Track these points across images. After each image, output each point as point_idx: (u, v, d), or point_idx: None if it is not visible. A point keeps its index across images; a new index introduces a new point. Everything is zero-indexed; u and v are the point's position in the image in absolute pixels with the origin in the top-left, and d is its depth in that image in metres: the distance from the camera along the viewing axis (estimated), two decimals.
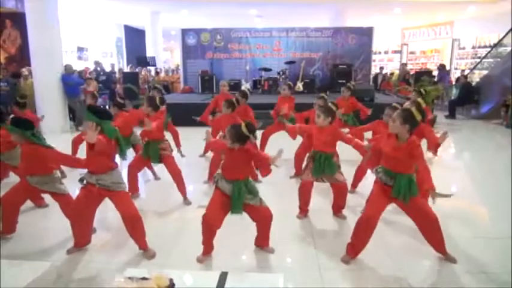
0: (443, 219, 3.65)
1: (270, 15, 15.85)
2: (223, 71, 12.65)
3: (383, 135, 2.83)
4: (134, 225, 2.87)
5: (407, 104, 4.16)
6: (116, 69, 14.03)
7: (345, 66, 11.87)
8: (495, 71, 11.00)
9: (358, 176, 4.33)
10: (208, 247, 2.90)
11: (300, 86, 11.41)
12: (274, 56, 12.77)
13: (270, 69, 11.85)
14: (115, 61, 17.10)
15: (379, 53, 20.19)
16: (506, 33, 11.33)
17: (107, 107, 10.69)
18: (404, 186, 2.64)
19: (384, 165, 2.77)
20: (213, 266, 2.84)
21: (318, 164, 3.47)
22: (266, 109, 6.98)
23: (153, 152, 4.03)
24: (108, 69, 13.44)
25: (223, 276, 1.84)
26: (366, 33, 12.83)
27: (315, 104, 4.88)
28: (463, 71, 14.77)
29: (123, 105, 4.78)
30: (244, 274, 2.31)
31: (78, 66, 12.49)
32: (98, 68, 12.35)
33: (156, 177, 5.07)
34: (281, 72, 11.59)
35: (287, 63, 11.97)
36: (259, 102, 8.49)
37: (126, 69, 15.38)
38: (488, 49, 13.42)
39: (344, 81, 9.92)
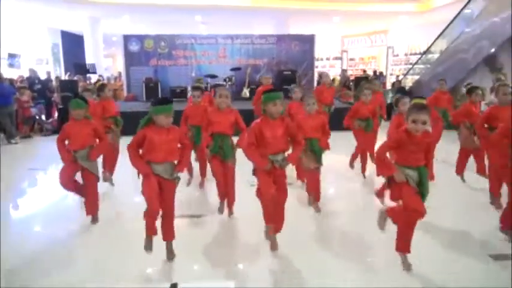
0: None
1: (215, 22, 15.88)
2: (169, 78, 12.43)
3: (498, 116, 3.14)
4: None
5: None
6: (53, 77, 13.23)
7: (289, 72, 12.19)
8: (425, 76, 11.90)
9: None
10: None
11: (246, 92, 11.54)
12: (220, 63, 12.79)
13: (216, 76, 11.84)
14: (51, 68, 16.13)
15: (322, 59, 20.98)
16: (434, 42, 12.31)
17: (43, 117, 10.08)
18: None
19: None
20: (162, 279, 2.77)
21: None
22: None
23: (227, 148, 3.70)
24: (43, 77, 12.65)
25: (173, 287, 1.81)
26: (308, 41, 13.29)
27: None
28: (397, 76, 15.80)
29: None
30: (194, 283, 2.29)
31: (9, 74, 11.63)
32: (33, 76, 11.58)
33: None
34: (227, 79, 11.63)
35: (233, 69, 12.04)
36: None
37: (64, 76, 14.57)
38: (419, 56, 14.50)
39: (288, 87, 10.15)
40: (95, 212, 3.70)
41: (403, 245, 2.75)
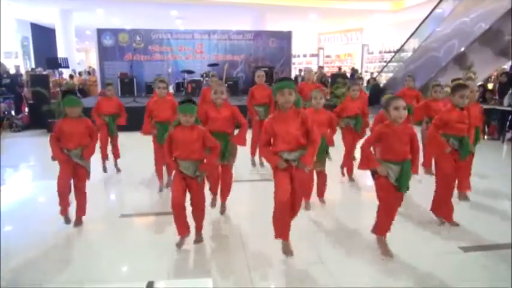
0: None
1: (191, 17, 15.74)
2: (144, 74, 12.25)
3: (443, 113, 3.38)
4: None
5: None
6: (23, 71, 12.77)
7: (267, 69, 12.19)
8: (399, 73, 12.19)
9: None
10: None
11: None
12: (196, 59, 12.70)
13: (193, 72, 11.75)
14: (21, 62, 15.56)
15: (298, 56, 21.15)
16: (406, 40, 12.62)
17: (12, 112, 9.73)
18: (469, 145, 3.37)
19: (452, 133, 3.34)
20: (138, 277, 2.75)
21: None
22: None
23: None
24: (12, 71, 12.18)
25: (149, 286, 1.80)
26: (285, 37, 13.36)
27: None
28: (371, 73, 16.12)
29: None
30: (171, 281, 2.29)
31: None
32: (1, 70, 11.12)
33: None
34: (204, 75, 11.56)
35: (210, 65, 11.96)
36: None
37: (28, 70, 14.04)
38: (393, 54, 14.84)
39: (267, 83, 10.19)
40: (84, 213, 3.58)
41: (379, 228, 2.97)
